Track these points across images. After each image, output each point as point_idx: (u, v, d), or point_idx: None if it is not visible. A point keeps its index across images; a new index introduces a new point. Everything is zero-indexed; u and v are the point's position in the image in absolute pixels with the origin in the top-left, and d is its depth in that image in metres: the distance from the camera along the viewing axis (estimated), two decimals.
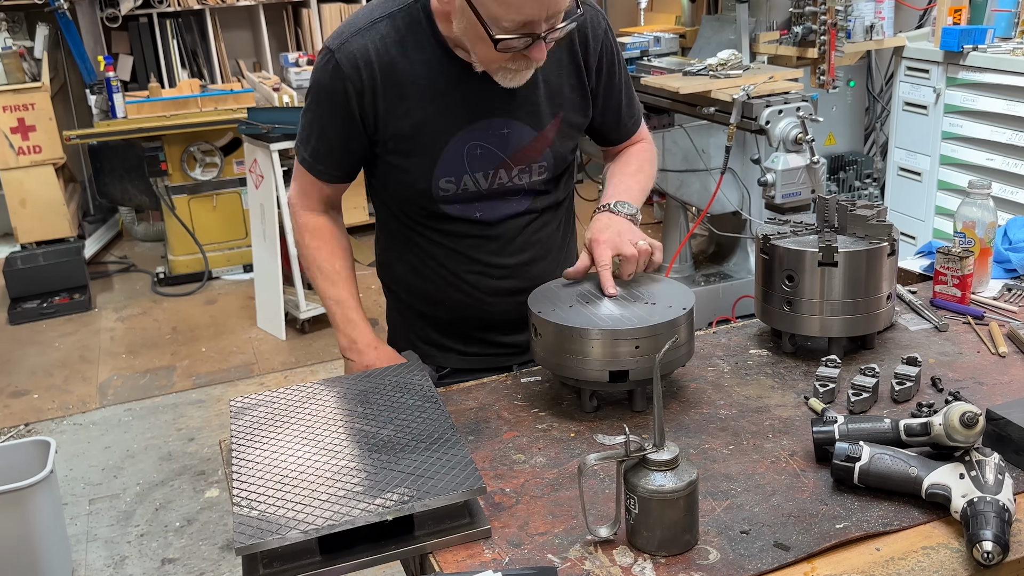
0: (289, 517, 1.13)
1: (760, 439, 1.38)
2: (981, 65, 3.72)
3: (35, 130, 4.88)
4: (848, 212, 1.63)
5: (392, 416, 1.37)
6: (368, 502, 1.14)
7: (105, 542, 3.06)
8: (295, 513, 1.13)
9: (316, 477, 1.22)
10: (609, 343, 1.39)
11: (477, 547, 1.17)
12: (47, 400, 4.04)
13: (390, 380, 1.49)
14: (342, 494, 1.16)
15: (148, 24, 5.81)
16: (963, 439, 1.18)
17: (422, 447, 1.27)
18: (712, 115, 3.47)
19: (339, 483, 1.19)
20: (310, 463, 1.26)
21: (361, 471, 1.22)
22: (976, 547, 1.08)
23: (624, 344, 1.39)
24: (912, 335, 1.70)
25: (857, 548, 1.14)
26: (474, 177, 1.63)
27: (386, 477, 1.20)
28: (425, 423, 1.34)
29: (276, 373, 4.16)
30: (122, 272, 5.58)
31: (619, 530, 1.16)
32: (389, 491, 1.16)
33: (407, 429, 1.32)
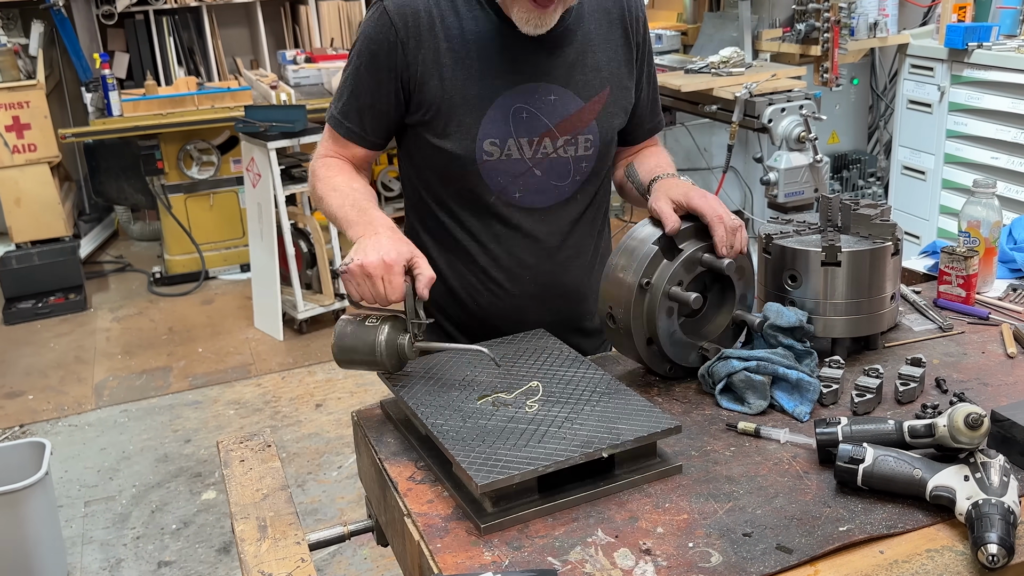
0: (508, 461, 1.21)
1: (762, 441, 1.38)
2: (986, 63, 3.72)
3: (30, 128, 4.88)
4: (851, 211, 1.63)
5: (552, 374, 1.43)
6: (575, 446, 1.23)
7: (101, 545, 3.06)
8: (511, 458, 1.21)
9: (512, 429, 1.28)
10: None
11: (476, 550, 1.17)
12: (42, 401, 4.04)
13: (527, 345, 1.54)
14: (546, 440, 1.25)
15: (144, 21, 5.81)
16: (968, 441, 1.18)
17: (596, 397, 1.35)
18: (714, 113, 3.48)
19: (538, 431, 1.27)
20: (499, 418, 1.32)
21: (551, 422, 1.30)
22: (981, 550, 1.08)
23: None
24: (916, 335, 1.70)
25: (861, 551, 1.14)
26: (519, 142, 1.60)
27: (578, 423, 1.28)
28: (586, 378, 1.41)
29: (274, 374, 4.16)
30: (118, 272, 5.58)
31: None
32: (586, 435, 1.25)
33: (575, 384, 1.40)
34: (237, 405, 3.92)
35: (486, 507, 1.22)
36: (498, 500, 1.21)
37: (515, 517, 1.21)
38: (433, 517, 1.24)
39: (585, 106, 1.63)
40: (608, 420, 1.29)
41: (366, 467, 1.51)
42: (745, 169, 4.04)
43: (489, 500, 1.21)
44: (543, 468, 1.20)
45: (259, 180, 4.40)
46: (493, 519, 1.20)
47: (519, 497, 1.22)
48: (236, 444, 1.54)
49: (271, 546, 1.26)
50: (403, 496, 1.30)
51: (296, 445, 3.56)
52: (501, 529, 1.20)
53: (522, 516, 1.21)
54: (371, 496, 1.52)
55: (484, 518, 1.20)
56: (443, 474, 1.31)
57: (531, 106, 1.59)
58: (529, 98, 1.59)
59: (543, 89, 1.59)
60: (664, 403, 1.51)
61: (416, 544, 1.21)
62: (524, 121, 1.60)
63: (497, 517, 1.20)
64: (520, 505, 1.22)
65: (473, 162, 1.60)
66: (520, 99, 1.58)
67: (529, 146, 1.61)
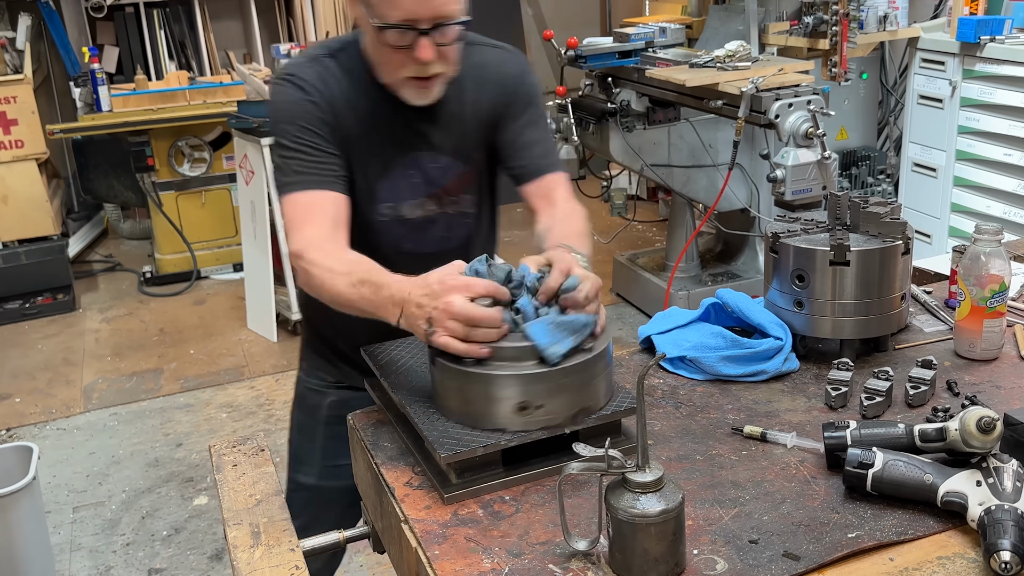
0: (475, 436, 1.30)
1: (769, 445, 1.38)
2: (999, 57, 3.72)
3: (17, 124, 4.88)
4: (861, 209, 1.63)
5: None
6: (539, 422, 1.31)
7: (90, 551, 3.06)
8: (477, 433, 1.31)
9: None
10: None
11: (475, 556, 1.17)
12: (29, 404, 4.04)
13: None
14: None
15: (134, 14, 5.81)
16: (980, 445, 1.18)
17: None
18: (720, 109, 3.47)
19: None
20: None
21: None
22: (993, 557, 1.08)
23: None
24: (927, 337, 1.70)
25: (870, 558, 1.14)
26: (411, 204, 1.74)
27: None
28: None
29: (267, 376, 4.16)
30: (107, 271, 5.58)
31: (599, 545, 1.15)
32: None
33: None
34: (230, 408, 3.92)
35: (451, 478, 1.30)
36: (462, 472, 1.30)
37: (478, 488, 1.29)
38: (430, 523, 1.24)
39: (466, 171, 1.76)
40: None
41: (362, 472, 1.51)
42: (751, 166, 4.04)
43: (454, 471, 1.30)
44: (506, 442, 1.29)
45: (252, 177, 4.40)
46: (456, 489, 1.29)
47: (483, 469, 1.31)
48: (229, 448, 1.54)
49: (265, 553, 1.27)
50: (400, 502, 1.30)
51: None
52: (464, 499, 1.28)
53: (486, 487, 1.30)
54: (367, 502, 1.52)
55: (448, 488, 1.29)
56: (416, 448, 1.39)
57: (420, 171, 1.73)
58: (418, 164, 1.72)
59: (426, 158, 1.73)
60: (667, 406, 1.51)
61: (413, 551, 1.22)
62: (415, 185, 1.73)
63: (461, 488, 1.29)
64: (484, 477, 1.30)
65: (370, 223, 1.73)
66: (408, 165, 1.72)
67: (421, 207, 1.75)
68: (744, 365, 1.57)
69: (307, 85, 1.65)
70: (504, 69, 1.77)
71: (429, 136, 1.72)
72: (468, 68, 1.72)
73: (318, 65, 1.68)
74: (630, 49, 3.86)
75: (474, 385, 1.32)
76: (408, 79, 1.61)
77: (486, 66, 1.75)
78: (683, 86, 3.48)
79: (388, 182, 1.72)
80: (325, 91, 1.66)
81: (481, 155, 1.79)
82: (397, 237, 1.75)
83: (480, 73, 1.74)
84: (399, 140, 1.71)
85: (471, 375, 1.31)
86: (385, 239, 1.74)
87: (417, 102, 1.65)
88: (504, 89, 1.75)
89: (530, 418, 1.30)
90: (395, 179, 1.72)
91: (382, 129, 1.69)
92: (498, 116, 1.76)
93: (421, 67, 1.58)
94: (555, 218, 1.67)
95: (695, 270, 4.40)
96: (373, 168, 1.71)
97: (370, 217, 1.73)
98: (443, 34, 1.57)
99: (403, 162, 1.72)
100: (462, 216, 1.80)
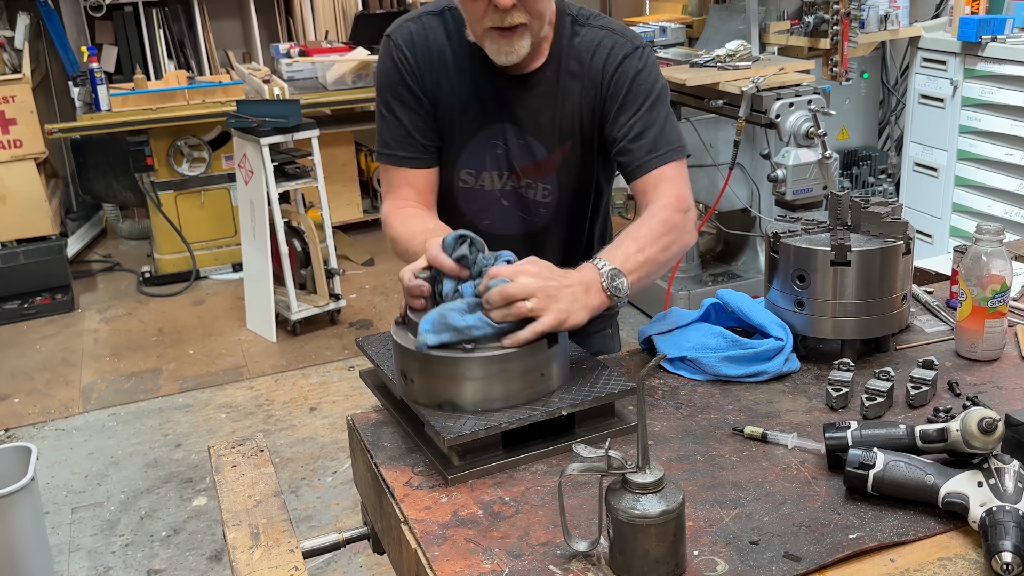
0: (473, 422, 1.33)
1: (769, 445, 1.38)
2: (1000, 56, 3.73)
3: (16, 124, 4.88)
4: (862, 209, 1.63)
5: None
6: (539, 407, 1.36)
7: (88, 552, 3.06)
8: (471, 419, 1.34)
9: None
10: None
11: (475, 558, 1.17)
12: (28, 404, 4.04)
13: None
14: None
15: (133, 13, 5.81)
16: (981, 445, 1.18)
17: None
18: (720, 108, 3.48)
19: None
20: None
21: None
22: (995, 558, 1.08)
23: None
24: (928, 337, 1.70)
25: (871, 559, 1.14)
26: (491, 175, 1.75)
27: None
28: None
29: (267, 376, 4.16)
30: (106, 271, 5.58)
31: (599, 546, 1.15)
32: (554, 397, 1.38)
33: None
34: (229, 409, 3.92)
35: (453, 461, 1.33)
36: (464, 454, 1.33)
37: (480, 469, 1.33)
38: (430, 524, 1.24)
39: (548, 156, 1.73)
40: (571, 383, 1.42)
41: (361, 472, 1.51)
42: (752, 166, 4.04)
43: (456, 454, 1.33)
44: (506, 425, 1.32)
45: (251, 177, 4.40)
46: (459, 471, 1.32)
47: (484, 451, 1.34)
48: (228, 449, 1.54)
49: (264, 554, 1.27)
50: (400, 502, 1.30)
51: (290, 450, 3.56)
52: (466, 480, 1.32)
53: (487, 468, 1.33)
54: (367, 502, 1.52)
55: (451, 470, 1.32)
56: (416, 434, 1.42)
57: (504, 143, 1.73)
58: (503, 136, 1.73)
59: (514, 130, 1.73)
60: (667, 407, 1.51)
61: (413, 552, 1.22)
62: (498, 157, 1.74)
63: (463, 469, 1.32)
64: (485, 459, 1.34)
65: (452, 189, 1.77)
66: (496, 135, 1.73)
67: (499, 179, 1.76)
68: (745, 365, 1.57)
69: (396, 50, 1.70)
70: (612, 55, 1.67)
71: (516, 111, 1.70)
72: (573, 48, 1.68)
73: (417, 24, 1.71)
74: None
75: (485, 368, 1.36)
76: (489, 30, 1.59)
77: (592, 49, 1.68)
78: (684, 85, 3.48)
79: (472, 147, 1.73)
80: (417, 51, 1.69)
81: (573, 144, 1.73)
82: (476, 210, 1.77)
83: (584, 56, 1.68)
84: (487, 108, 1.71)
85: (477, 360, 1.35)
86: (464, 210, 1.78)
87: (500, 59, 1.62)
88: (607, 78, 1.67)
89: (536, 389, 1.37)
90: (479, 145, 1.73)
91: (473, 94, 1.70)
92: (599, 107, 1.69)
93: (500, 15, 1.56)
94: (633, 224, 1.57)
95: (695, 270, 4.40)
96: (460, 130, 1.72)
97: (452, 183, 1.77)
98: None
99: (489, 131, 1.72)
100: (538, 204, 1.77)
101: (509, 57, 1.61)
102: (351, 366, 4.15)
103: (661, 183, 1.64)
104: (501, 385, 1.36)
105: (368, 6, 6.28)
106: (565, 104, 1.70)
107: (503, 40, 1.60)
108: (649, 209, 1.61)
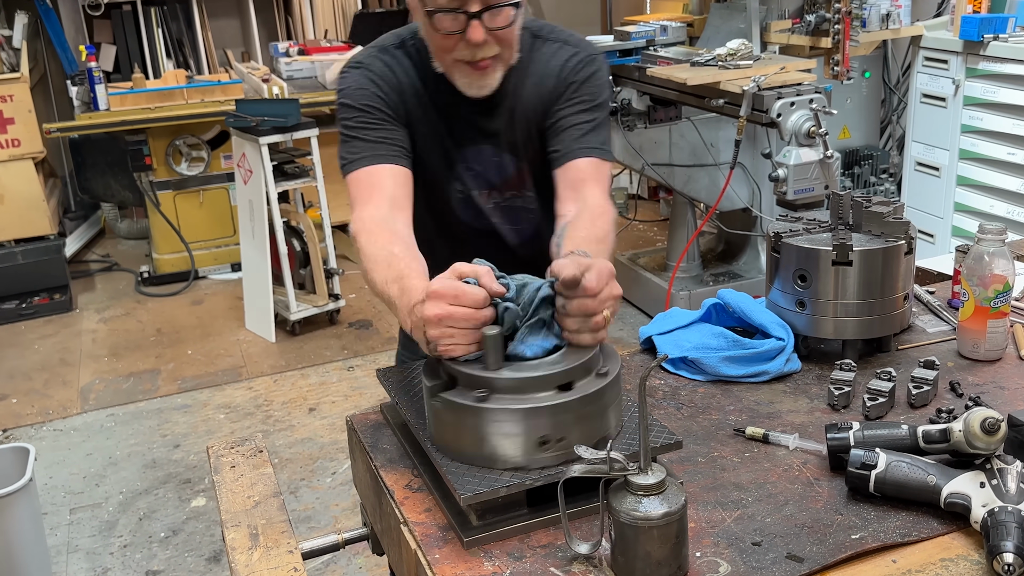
0: (496, 476, 1.19)
1: (771, 446, 1.38)
2: (1002, 55, 3.72)
3: (14, 123, 4.88)
4: (863, 209, 1.63)
5: None
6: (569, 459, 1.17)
7: (87, 553, 3.06)
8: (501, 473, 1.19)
9: None
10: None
11: (476, 560, 1.17)
12: (26, 405, 4.04)
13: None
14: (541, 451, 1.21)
15: (132, 12, 5.81)
16: (984, 446, 1.18)
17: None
18: (721, 107, 3.47)
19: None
20: None
21: None
22: (996, 559, 1.08)
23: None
24: (930, 337, 1.70)
25: (873, 560, 1.14)
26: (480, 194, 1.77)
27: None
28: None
29: (265, 377, 4.16)
30: (104, 271, 5.58)
31: (601, 548, 1.15)
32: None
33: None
34: (228, 409, 3.92)
35: (471, 520, 1.21)
36: (484, 513, 1.20)
37: (501, 532, 1.19)
38: (430, 526, 1.24)
39: (523, 168, 1.75)
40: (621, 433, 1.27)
41: (361, 473, 1.51)
42: (753, 165, 4.04)
43: (475, 513, 1.20)
44: (531, 482, 1.19)
45: (250, 176, 4.40)
46: (478, 532, 1.19)
47: (507, 511, 1.21)
48: (227, 449, 1.54)
49: (263, 555, 1.26)
50: (399, 504, 1.30)
51: (289, 450, 3.56)
52: (487, 543, 1.19)
53: (509, 531, 1.20)
54: (366, 503, 1.52)
55: (468, 531, 1.19)
56: (434, 483, 1.30)
57: (479, 165, 1.74)
58: (477, 157, 1.73)
59: (487, 151, 1.73)
60: (668, 407, 1.51)
61: (413, 553, 1.21)
62: (476, 176, 1.75)
63: (483, 531, 1.19)
64: (508, 519, 1.21)
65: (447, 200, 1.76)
66: (472, 157, 1.73)
67: (486, 197, 1.77)
68: (746, 366, 1.57)
69: (372, 74, 1.67)
70: (570, 61, 1.70)
71: (486, 129, 1.71)
72: (532, 64, 1.69)
73: (387, 55, 1.70)
74: (631, 47, 3.86)
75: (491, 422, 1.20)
76: (460, 63, 1.59)
77: (548, 61, 1.71)
78: (684, 85, 3.48)
79: (452, 172, 1.74)
80: (392, 79, 1.68)
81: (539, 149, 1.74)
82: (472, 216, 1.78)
83: (543, 69, 1.70)
84: (459, 132, 1.71)
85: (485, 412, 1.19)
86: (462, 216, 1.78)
87: (471, 91, 1.63)
88: (560, 81, 1.69)
89: (549, 453, 1.20)
90: (458, 171, 1.74)
91: (443, 121, 1.70)
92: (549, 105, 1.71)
93: (472, 50, 1.56)
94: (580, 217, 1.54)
95: (696, 270, 4.40)
96: (437, 158, 1.73)
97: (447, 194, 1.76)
98: (494, 16, 1.53)
99: (463, 155, 1.73)
100: (526, 211, 1.80)
101: (481, 91, 1.62)
102: (350, 366, 4.15)
103: (589, 180, 1.63)
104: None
105: (367, 5, 6.28)
106: (530, 117, 1.71)
107: (475, 74, 1.60)
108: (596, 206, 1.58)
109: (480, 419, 1.20)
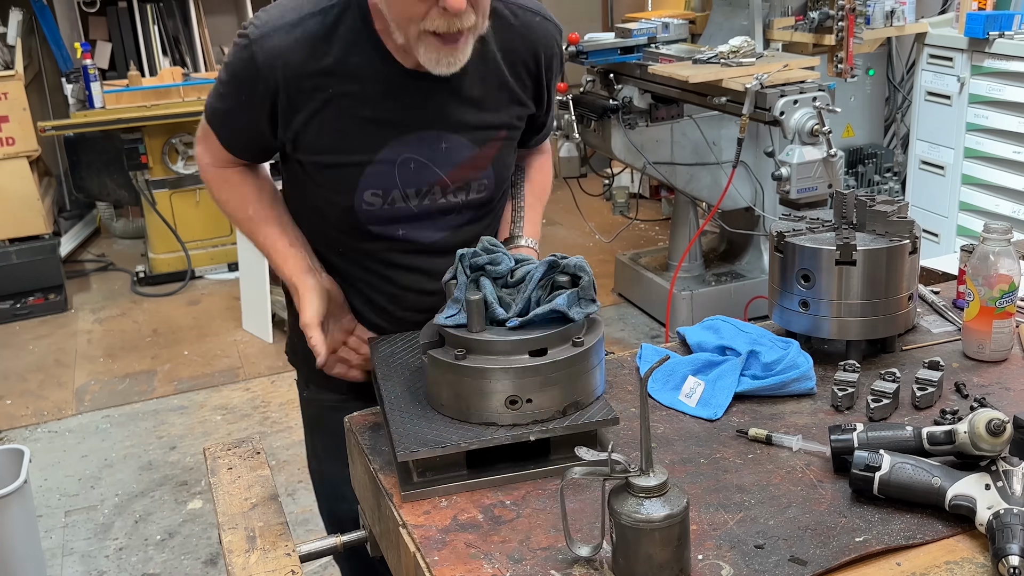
0: (440, 436, 1.30)
1: (774, 448, 1.38)
2: (1008, 53, 3.72)
3: (8, 121, 4.88)
4: (867, 208, 1.63)
5: None
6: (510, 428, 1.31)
7: (82, 556, 3.06)
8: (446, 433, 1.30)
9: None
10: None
11: (475, 563, 1.17)
12: (20, 406, 4.04)
13: None
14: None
15: (127, 9, 5.81)
16: (989, 448, 1.18)
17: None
18: (723, 105, 3.47)
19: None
20: None
21: None
22: (1002, 562, 1.08)
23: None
24: (935, 338, 1.70)
25: (877, 563, 1.14)
26: (404, 192, 1.57)
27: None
28: None
29: (263, 377, 4.16)
30: (100, 271, 5.58)
31: (602, 551, 1.15)
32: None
33: None
34: (224, 410, 3.92)
35: (412, 477, 1.31)
36: (424, 471, 1.31)
37: (439, 488, 1.30)
38: (430, 529, 1.24)
39: (479, 152, 1.59)
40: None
41: (359, 476, 1.51)
42: (756, 164, 4.04)
43: (415, 470, 1.31)
44: (467, 445, 1.29)
45: None
46: (416, 487, 1.30)
47: (446, 470, 1.31)
48: (223, 451, 1.54)
49: (260, 558, 1.27)
50: (398, 507, 1.30)
51: (286, 452, 3.56)
52: (422, 499, 1.29)
53: (447, 488, 1.30)
54: (365, 506, 1.52)
55: (408, 486, 1.30)
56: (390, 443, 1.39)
57: (420, 156, 1.55)
58: (418, 147, 1.54)
59: (432, 136, 1.55)
60: (669, 407, 1.51)
61: (412, 556, 1.21)
62: (412, 172, 1.55)
63: (421, 487, 1.30)
64: (446, 478, 1.31)
65: (352, 209, 1.57)
66: (408, 148, 1.54)
67: (416, 196, 1.58)
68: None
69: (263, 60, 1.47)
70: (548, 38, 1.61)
71: (437, 113, 1.53)
72: (506, 32, 1.56)
73: (297, 30, 1.47)
74: (632, 45, 3.86)
75: (465, 379, 1.32)
76: (428, 34, 1.40)
77: (519, 29, 1.57)
78: (686, 82, 3.47)
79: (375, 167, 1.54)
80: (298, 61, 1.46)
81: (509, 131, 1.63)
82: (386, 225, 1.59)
83: (511, 37, 1.56)
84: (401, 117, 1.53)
85: (462, 368, 1.31)
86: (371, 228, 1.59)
87: (439, 69, 1.44)
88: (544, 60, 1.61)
89: (519, 412, 1.31)
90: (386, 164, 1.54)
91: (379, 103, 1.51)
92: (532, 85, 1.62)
93: (449, 19, 1.37)
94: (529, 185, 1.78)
95: (699, 270, 4.40)
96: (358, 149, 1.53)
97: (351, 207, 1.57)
98: None
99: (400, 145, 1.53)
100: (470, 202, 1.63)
101: (451, 67, 1.44)
102: None
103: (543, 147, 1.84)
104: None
105: None
106: (499, 93, 1.58)
107: (445, 48, 1.42)
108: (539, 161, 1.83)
109: (457, 375, 1.32)
